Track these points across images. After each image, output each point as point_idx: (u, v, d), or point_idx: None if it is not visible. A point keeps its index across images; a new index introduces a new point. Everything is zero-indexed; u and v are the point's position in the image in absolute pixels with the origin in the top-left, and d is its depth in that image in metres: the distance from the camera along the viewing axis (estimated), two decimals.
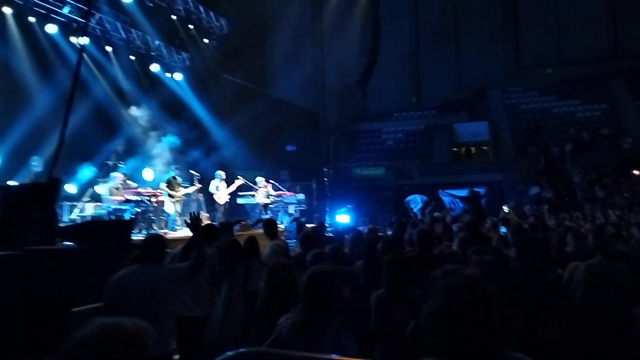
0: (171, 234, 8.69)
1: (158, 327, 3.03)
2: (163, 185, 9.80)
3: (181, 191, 10.11)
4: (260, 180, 11.88)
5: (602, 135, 20.65)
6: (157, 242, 3.44)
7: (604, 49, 25.27)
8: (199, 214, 5.86)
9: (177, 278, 3.39)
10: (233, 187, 11.30)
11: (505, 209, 9.34)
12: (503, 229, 7.19)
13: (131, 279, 3.22)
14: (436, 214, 9.74)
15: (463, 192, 8.36)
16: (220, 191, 11.06)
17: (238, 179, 11.38)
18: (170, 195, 9.75)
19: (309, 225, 8.91)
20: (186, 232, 8.85)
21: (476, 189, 8.65)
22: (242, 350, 0.75)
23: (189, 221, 3.70)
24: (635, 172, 16.76)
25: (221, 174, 11.25)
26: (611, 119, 21.92)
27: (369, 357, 3.04)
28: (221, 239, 4.97)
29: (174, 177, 10.05)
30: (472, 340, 1.26)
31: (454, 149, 24.05)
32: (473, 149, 24.34)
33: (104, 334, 0.98)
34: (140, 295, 3.13)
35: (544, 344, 1.95)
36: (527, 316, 2.11)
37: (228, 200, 11.29)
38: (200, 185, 10.79)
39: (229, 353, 0.77)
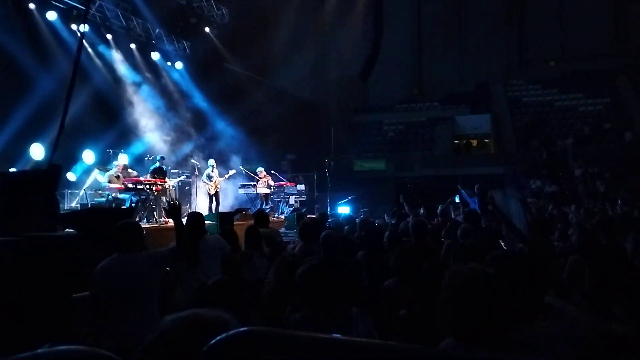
0: (171, 223, 8.65)
1: (149, 320, 2.87)
2: (148, 176, 9.19)
3: (168, 182, 9.50)
4: (260, 170, 11.85)
5: (604, 129, 20.56)
6: (132, 229, 3.34)
7: (608, 45, 25.09)
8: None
9: (159, 263, 3.30)
10: (225, 177, 11.00)
11: None
12: None
13: (115, 268, 3.10)
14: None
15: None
16: (213, 180, 10.66)
17: (231, 169, 11.32)
18: None
19: (309, 217, 8.91)
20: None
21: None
22: (242, 329, 0.72)
23: (167, 208, 3.67)
24: None
25: (212, 162, 10.88)
26: (614, 113, 21.81)
27: None
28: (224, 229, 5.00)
29: (159, 168, 9.43)
30: (475, 322, 1.50)
31: (456, 142, 23.94)
32: (475, 141, 24.23)
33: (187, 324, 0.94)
34: (127, 284, 3.03)
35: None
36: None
37: (219, 190, 10.93)
38: (206, 181, 10.78)
39: (230, 332, 0.74)
